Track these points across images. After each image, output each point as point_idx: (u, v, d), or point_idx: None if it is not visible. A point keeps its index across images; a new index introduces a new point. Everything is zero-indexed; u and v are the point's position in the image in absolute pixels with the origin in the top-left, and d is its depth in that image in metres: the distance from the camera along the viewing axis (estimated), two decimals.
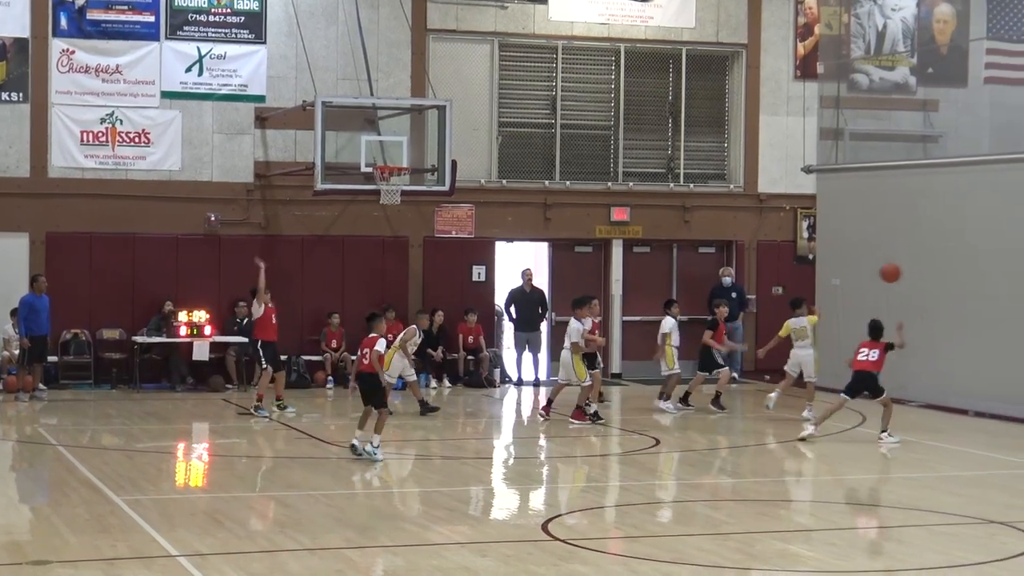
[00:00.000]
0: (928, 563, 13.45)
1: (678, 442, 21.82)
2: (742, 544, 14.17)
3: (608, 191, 30.40)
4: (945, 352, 25.45)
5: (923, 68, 31.83)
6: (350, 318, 28.17)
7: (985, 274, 24.82)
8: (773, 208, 31.26)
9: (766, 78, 31.19)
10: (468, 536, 14.59)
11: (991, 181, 25.25)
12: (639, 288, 30.54)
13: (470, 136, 29.03)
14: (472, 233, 29.47)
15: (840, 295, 28.19)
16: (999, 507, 16.13)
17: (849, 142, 30.13)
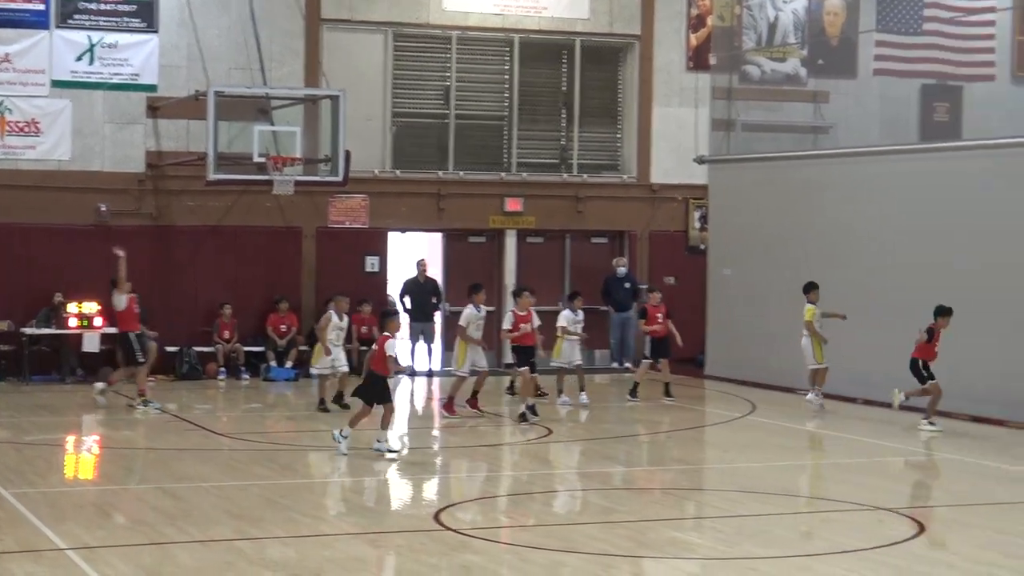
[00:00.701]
0: (814, 549, 13.63)
1: (571, 432, 21.90)
2: (633, 532, 14.27)
3: (502, 181, 30.45)
4: (835, 341, 25.71)
5: (814, 60, 32.17)
6: (243, 309, 28.07)
7: (875, 264, 25.12)
8: (665, 199, 31.45)
9: (659, 69, 31.36)
10: (361, 527, 14.58)
11: (880, 172, 25.55)
12: (532, 278, 30.45)
13: (364, 126, 28.94)
14: (366, 223, 29.41)
15: (731, 285, 28.44)
16: (885, 494, 16.34)
17: (741, 133, 30.39)
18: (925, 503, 16.59)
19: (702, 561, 13.27)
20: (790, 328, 26.60)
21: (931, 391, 21.30)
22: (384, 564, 12.95)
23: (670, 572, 12.82)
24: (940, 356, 21.85)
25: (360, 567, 12.75)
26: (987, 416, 22.31)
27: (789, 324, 26.69)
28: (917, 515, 15.08)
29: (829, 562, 13.02)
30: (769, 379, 26.75)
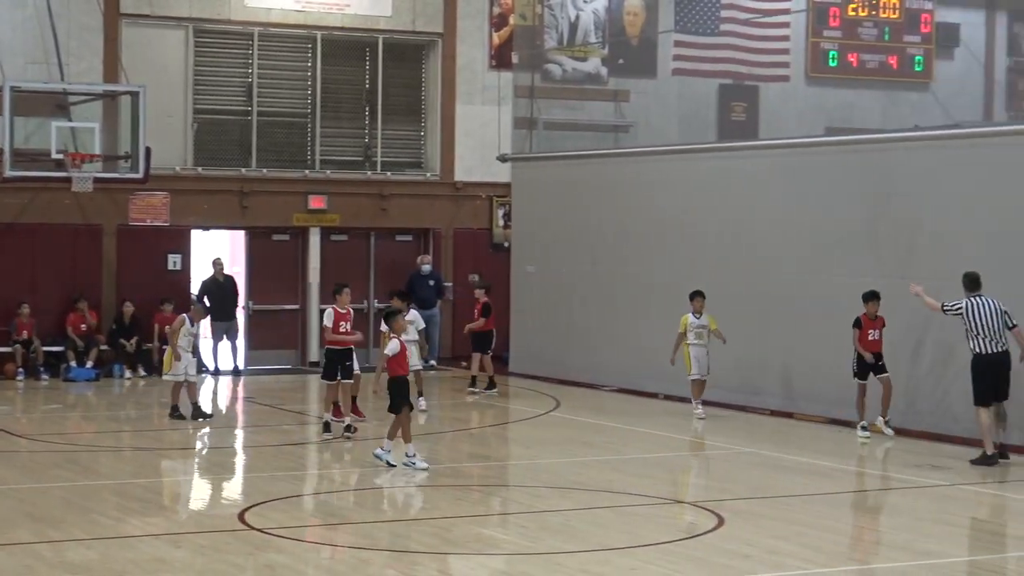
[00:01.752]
0: (616, 543, 13.83)
1: (377, 430, 21.87)
2: (438, 529, 14.35)
3: (305, 179, 30.33)
4: (635, 337, 26.10)
5: (614, 59, 32.59)
6: (41, 308, 27.58)
7: (673, 260, 25.51)
8: (469, 196, 31.59)
9: (462, 67, 31.49)
10: (163, 528, 14.46)
11: (679, 170, 25.96)
12: (337, 276, 30.41)
13: (165, 123, 28.62)
14: (167, 221, 29.05)
15: (535, 282, 28.68)
16: (685, 487, 16.64)
17: (543, 131, 30.66)
18: (724, 496, 16.90)
19: (507, 557, 13.40)
20: (592, 325, 26.96)
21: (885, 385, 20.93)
22: (187, 565, 12.85)
23: (475, 568, 12.92)
24: (726, 350, 22.26)
25: (163, 568, 12.65)
26: (781, 410, 22.82)
27: (591, 321, 27.05)
28: (716, 508, 15.38)
29: (631, 555, 13.24)
30: (573, 376, 27.04)
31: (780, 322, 23.24)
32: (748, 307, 23.77)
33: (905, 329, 21.08)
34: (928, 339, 21.08)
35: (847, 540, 14.15)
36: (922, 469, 18.22)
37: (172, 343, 22.08)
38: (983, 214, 20.53)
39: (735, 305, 23.72)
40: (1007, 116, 35.38)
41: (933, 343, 21.00)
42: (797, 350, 22.93)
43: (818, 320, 22.62)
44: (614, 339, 26.55)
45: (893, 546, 13.94)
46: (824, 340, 22.32)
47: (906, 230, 21.55)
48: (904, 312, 20.99)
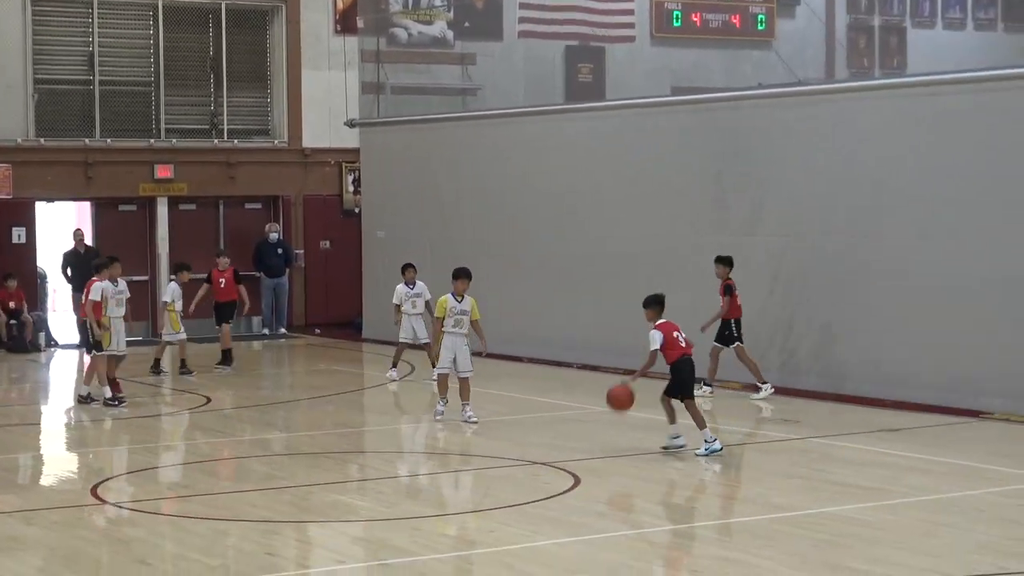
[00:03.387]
0: (476, 506, 13.89)
1: (231, 399, 21.76)
2: (296, 497, 14.32)
3: (151, 148, 29.96)
4: (485, 299, 26.10)
5: (460, 22, 32.55)
6: None
7: (522, 223, 25.59)
8: (318, 163, 31.43)
9: (306, 32, 31.26)
10: (14, 505, 14.24)
11: (527, 132, 26.03)
12: (186, 246, 30.18)
13: (4, 94, 28.14)
14: (10, 194, 28.57)
15: (385, 247, 28.61)
16: (542, 448, 16.73)
17: (391, 96, 30.57)
18: (579, 456, 17.02)
19: (365, 523, 13.39)
20: (443, 289, 26.92)
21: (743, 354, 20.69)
22: (41, 542, 12.68)
23: (334, 536, 12.90)
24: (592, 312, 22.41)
25: (15, 546, 12.47)
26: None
27: (442, 285, 27.01)
28: (572, 468, 15.49)
29: (489, 517, 13.30)
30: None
31: (629, 282, 23.38)
32: (592, 268, 23.92)
33: (752, 286, 21.35)
34: (771, 301, 21.40)
35: (699, 496, 14.33)
36: (774, 423, 18.50)
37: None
38: (827, 170, 20.83)
39: (578, 267, 23.88)
40: (848, 73, 35.90)
41: (779, 302, 21.32)
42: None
43: (666, 280, 22.81)
44: None
45: (744, 500, 14.15)
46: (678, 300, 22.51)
47: (752, 188, 21.81)
48: (751, 270, 21.27)
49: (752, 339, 21.11)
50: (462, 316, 18.70)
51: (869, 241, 20.18)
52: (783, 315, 21.27)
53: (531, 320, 25.09)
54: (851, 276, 20.39)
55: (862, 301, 20.26)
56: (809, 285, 20.97)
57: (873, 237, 20.13)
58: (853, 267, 20.34)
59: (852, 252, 20.35)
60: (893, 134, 20.10)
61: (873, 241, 20.13)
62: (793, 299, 21.13)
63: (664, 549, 12.11)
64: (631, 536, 12.67)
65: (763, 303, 21.45)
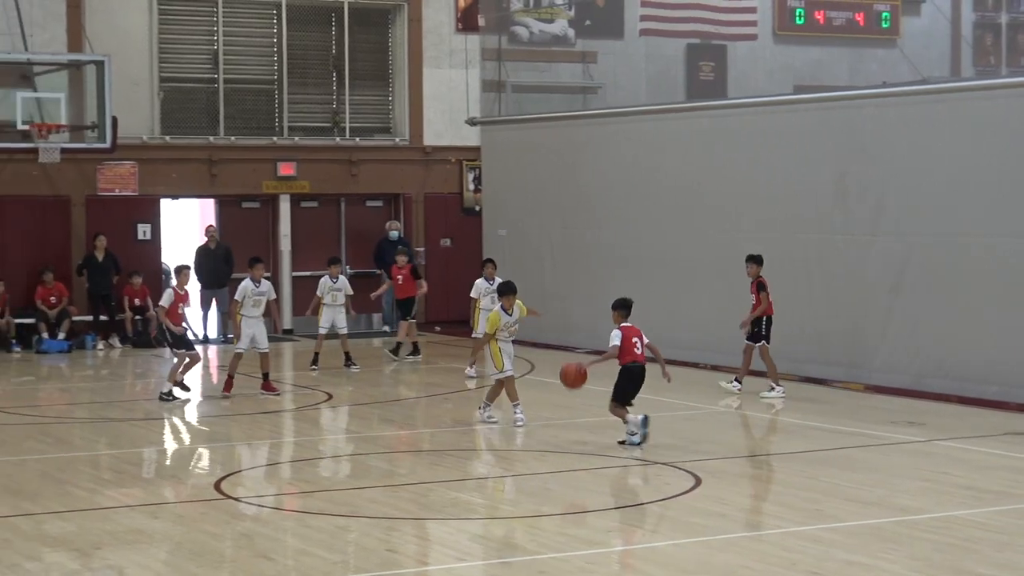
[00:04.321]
0: (596, 505, 13.85)
1: (351, 396, 21.89)
2: (415, 494, 14.36)
3: (274, 145, 30.23)
4: (607, 299, 26.02)
5: (581, 21, 32.52)
6: (12, 280, 27.45)
7: (644, 222, 25.51)
8: (439, 160, 31.53)
9: (428, 31, 31.37)
10: (139, 498, 14.42)
11: (648, 130, 25.94)
12: (308, 243, 30.49)
13: (131, 91, 28.48)
14: (135, 191, 28.95)
15: (506, 245, 28.64)
16: (661, 448, 16.65)
17: (512, 94, 30.61)
18: (700, 456, 16.93)
19: (485, 521, 13.40)
20: (564, 287, 26.97)
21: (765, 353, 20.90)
22: (165, 535, 12.83)
23: (453, 533, 12.92)
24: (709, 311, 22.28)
25: (141, 539, 12.62)
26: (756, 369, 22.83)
27: (563, 283, 27.06)
28: (693, 468, 15.41)
29: (608, 517, 13.27)
30: (545, 338, 27.02)
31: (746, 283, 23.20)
32: (710, 268, 23.77)
33: (874, 286, 21.13)
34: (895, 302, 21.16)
35: (823, 497, 14.18)
36: (898, 426, 18.29)
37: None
38: (952, 169, 20.56)
39: (697, 266, 23.76)
40: (975, 71, 35.44)
41: (904, 302, 21.08)
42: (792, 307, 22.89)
43: (785, 279, 22.65)
44: (586, 301, 26.54)
45: (868, 503, 13.99)
46: (797, 300, 22.36)
47: (874, 187, 21.57)
48: (874, 270, 21.06)
49: (875, 339, 20.89)
50: (515, 327, 18.99)
51: (994, 241, 19.88)
52: (907, 316, 21.02)
53: (646, 319, 24.90)
54: (975, 277, 20.11)
55: (986, 302, 19.97)
56: (933, 286, 20.71)
57: (999, 238, 19.83)
58: (977, 268, 20.05)
59: (976, 253, 20.05)
60: (1021, 133, 19.77)
61: (999, 242, 19.82)
62: (917, 300, 20.87)
63: (785, 552, 11.99)
64: (751, 538, 12.57)
65: (887, 304, 21.21)
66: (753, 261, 20.82)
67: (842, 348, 21.91)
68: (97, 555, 12.06)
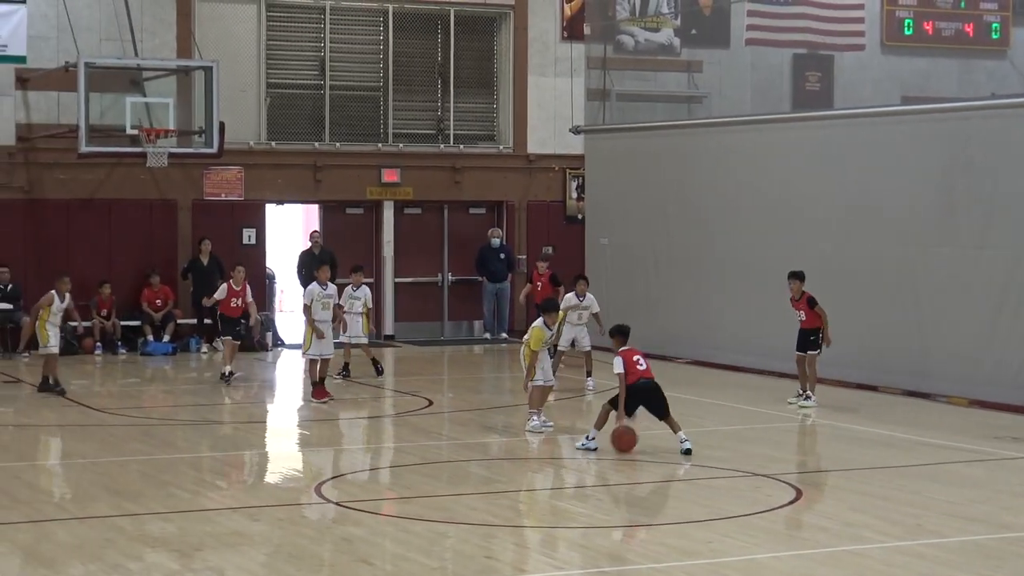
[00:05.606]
0: (694, 516, 13.78)
1: (451, 403, 21.95)
2: (514, 502, 14.36)
3: (378, 152, 30.37)
4: (710, 309, 26.00)
5: (687, 30, 32.41)
6: (118, 283, 27.76)
7: (747, 232, 25.37)
8: (542, 168, 31.54)
9: (534, 39, 31.39)
10: (240, 501, 14.54)
11: (753, 141, 25.80)
12: (411, 250, 30.61)
13: (238, 97, 28.73)
14: (242, 196, 29.22)
15: (609, 254, 28.60)
16: (761, 460, 16.56)
17: (616, 103, 30.55)
18: (801, 469, 16.84)
19: (583, 530, 13.38)
20: (666, 297, 26.87)
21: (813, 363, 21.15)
22: (265, 538, 12.92)
23: (552, 541, 12.90)
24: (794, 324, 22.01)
25: (241, 541, 12.72)
26: (858, 382, 22.64)
27: (665, 293, 26.97)
28: (794, 480, 15.30)
29: (707, 528, 13.19)
30: (647, 347, 26.82)
31: (851, 294, 23.02)
32: (818, 281, 23.56)
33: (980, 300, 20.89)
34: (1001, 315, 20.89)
35: (925, 513, 14.03)
36: (1002, 441, 18.06)
37: (40, 318, 21.97)
38: None
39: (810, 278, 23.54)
40: None
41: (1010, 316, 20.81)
42: (875, 324, 22.67)
43: (890, 292, 22.45)
44: (688, 311, 26.45)
45: (972, 519, 13.81)
46: (902, 313, 22.16)
47: (982, 200, 21.32)
48: (980, 284, 20.81)
49: (980, 354, 20.65)
50: (551, 337, 19.28)
51: None
52: (1013, 330, 20.74)
53: (752, 330, 24.86)
54: None
55: None
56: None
57: None
58: None
59: None
60: None
61: None
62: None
63: (887, 567, 11.87)
64: (852, 552, 12.44)
65: (992, 317, 20.95)
66: (796, 278, 21.04)
67: (946, 362, 21.65)
68: (198, 556, 12.16)
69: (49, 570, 11.67)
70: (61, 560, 11.98)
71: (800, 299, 20.91)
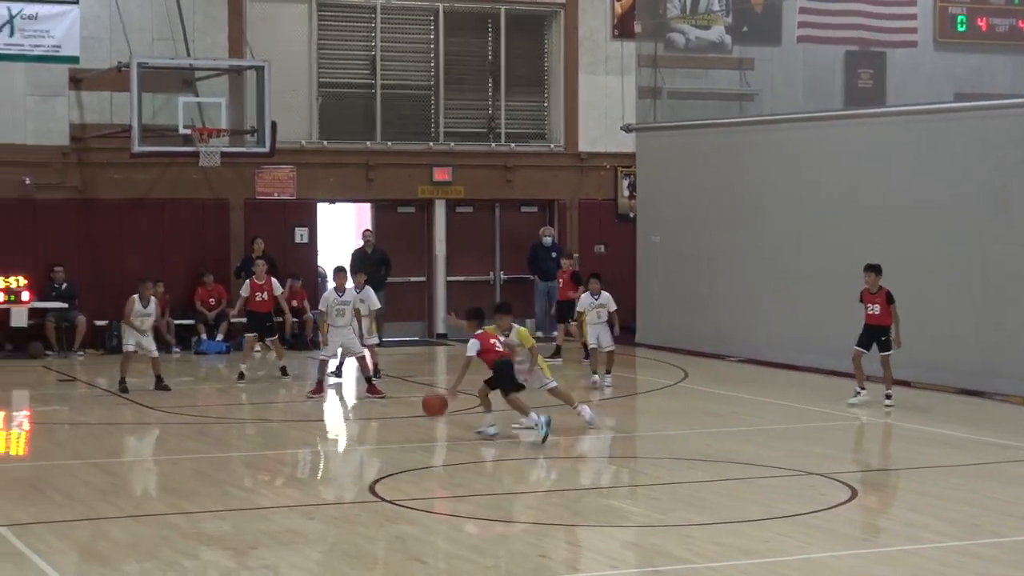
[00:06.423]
0: (750, 515, 13.71)
1: (501, 401, 21.86)
2: (567, 501, 14.34)
3: (430, 151, 30.40)
4: (761, 307, 25.90)
5: (738, 27, 32.28)
6: (171, 282, 27.87)
7: (799, 229, 25.27)
8: (594, 167, 31.50)
9: (584, 37, 31.36)
10: (295, 499, 14.57)
11: (805, 138, 25.69)
12: (462, 248, 30.63)
13: (290, 97, 28.81)
14: (293, 195, 29.30)
15: (660, 252, 28.54)
16: (816, 458, 16.48)
17: (667, 100, 30.47)
18: (857, 467, 16.74)
19: (637, 529, 13.34)
20: (718, 295, 26.80)
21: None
22: (320, 536, 12.94)
23: (605, 540, 12.87)
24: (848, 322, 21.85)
25: (296, 539, 12.74)
26: (914, 380, 22.50)
27: (717, 291, 26.89)
28: (849, 479, 15.22)
29: (763, 527, 13.13)
30: (698, 346, 26.89)
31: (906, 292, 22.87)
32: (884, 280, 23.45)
33: None
34: None
35: (983, 512, 13.93)
36: None
37: (127, 323, 22.40)
38: None
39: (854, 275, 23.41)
40: None
41: None
42: (930, 322, 22.51)
43: (945, 290, 22.30)
44: (740, 309, 26.37)
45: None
46: (958, 311, 22.02)
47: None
48: None
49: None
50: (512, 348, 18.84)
51: None
52: None
53: (804, 329, 24.75)
54: None
55: None
56: None
57: None
58: None
59: None
60: None
61: None
62: None
63: (943, 567, 11.79)
64: (909, 551, 12.36)
65: None
66: (873, 271, 20.54)
67: (1004, 361, 21.49)
68: (253, 554, 12.20)
69: (105, 567, 11.72)
70: (117, 558, 12.03)
71: (877, 292, 20.41)
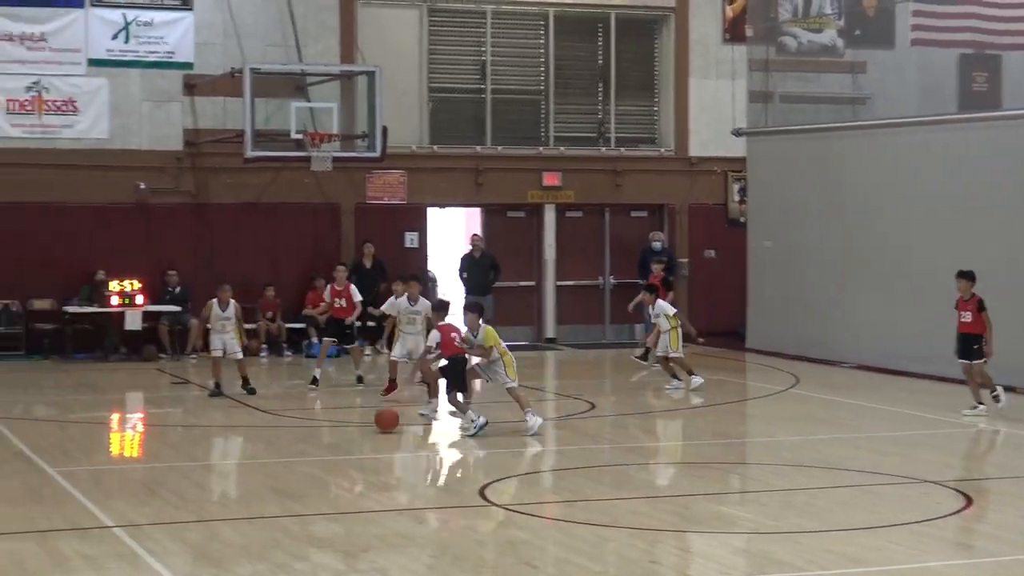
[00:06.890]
0: (861, 522, 13.58)
1: (613, 406, 21.89)
2: (677, 506, 14.27)
3: (540, 156, 30.42)
4: (873, 313, 25.65)
5: (851, 30, 32.01)
6: (283, 285, 28.11)
7: (913, 236, 25.00)
8: (704, 171, 31.36)
9: (695, 41, 31.24)
10: (405, 503, 14.61)
11: (918, 142, 25.42)
12: (572, 253, 30.61)
13: (400, 102, 28.94)
14: (404, 199, 29.43)
15: (771, 257, 28.36)
16: (929, 466, 16.30)
17: (778, 104, 30.27)
18: (971, 475, 16.53)
19: (747, 535, 13.26)
20: (830, 300, 26.58)
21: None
22: (431, 540, 12.97)
23: (716, 546, 12.80)
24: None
25: (406, 543, 12.78)
26: None
27: (828, 296, 26.67)
28: (963, 487, 15.03)
29: (875, 535, 12.99)
30: (810, 352, 26.68)
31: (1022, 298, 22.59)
32: (992, 283, 23.11)
33: None
34: None
35: None
36: None
37: (200, 326, 22.81)
38: None
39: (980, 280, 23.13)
40: None
41: None
42: None
43: None
44: (852, 315, 26.13)
45: None
46: None
47: None
48: None
49: None
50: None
51: None
52: None
53: (917, 335, 24.46)
54: None
55: None
56: None
57: None
58: None
59: None
60: None
61: None
62: None
63: None
64: None
65: None
66: (965, 278, 20.18)
67: None
68: (363, 557, 12.24)
69: (218, 569, 11.82)
70: (229, 559, 12.13)
71: (969, 300, 20.19)
